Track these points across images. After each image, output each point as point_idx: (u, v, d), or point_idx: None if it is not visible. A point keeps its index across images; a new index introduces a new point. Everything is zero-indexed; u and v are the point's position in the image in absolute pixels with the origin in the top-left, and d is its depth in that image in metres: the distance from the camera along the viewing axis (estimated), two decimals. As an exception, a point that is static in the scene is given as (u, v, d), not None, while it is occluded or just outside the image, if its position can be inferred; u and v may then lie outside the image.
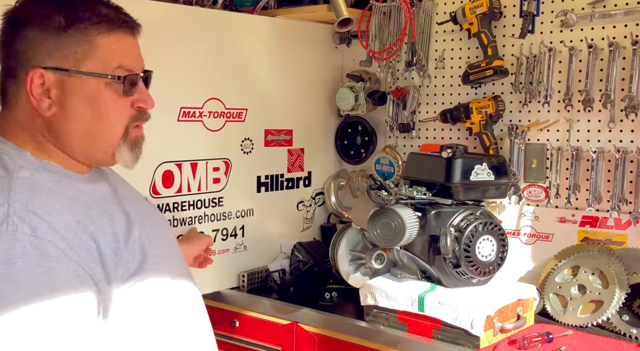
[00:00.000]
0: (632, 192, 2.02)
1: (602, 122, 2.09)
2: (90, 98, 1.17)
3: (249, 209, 2.45)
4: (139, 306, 1.15)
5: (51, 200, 1.09)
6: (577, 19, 2.09)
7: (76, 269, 1.04)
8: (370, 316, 2.02)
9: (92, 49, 1.16)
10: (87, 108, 1.18)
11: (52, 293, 1.00)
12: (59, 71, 1.16)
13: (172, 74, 2.12)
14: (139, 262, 1.16)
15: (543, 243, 2.21)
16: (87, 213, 1.13)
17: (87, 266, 1.06)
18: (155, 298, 1.19)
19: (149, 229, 1.24)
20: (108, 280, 1.09)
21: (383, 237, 1.94)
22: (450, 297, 1.88)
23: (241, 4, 2.60)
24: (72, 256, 1.05)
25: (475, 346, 1.81)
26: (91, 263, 1.07)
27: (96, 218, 1.14)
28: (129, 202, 1.28)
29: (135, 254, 1.16)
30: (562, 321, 2.00)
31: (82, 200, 1.16)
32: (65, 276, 1.03)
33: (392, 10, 2.44)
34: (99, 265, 1.08)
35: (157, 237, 1.26)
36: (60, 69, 1.16)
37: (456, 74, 2.40)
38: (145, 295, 1.16)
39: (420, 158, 2.16)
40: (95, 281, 1.07)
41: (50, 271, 1.01)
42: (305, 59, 2.62)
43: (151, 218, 1.32)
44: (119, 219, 1.19)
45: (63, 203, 1.11)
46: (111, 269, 1.10)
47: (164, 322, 1.22)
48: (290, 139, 2.59)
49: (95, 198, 1.19)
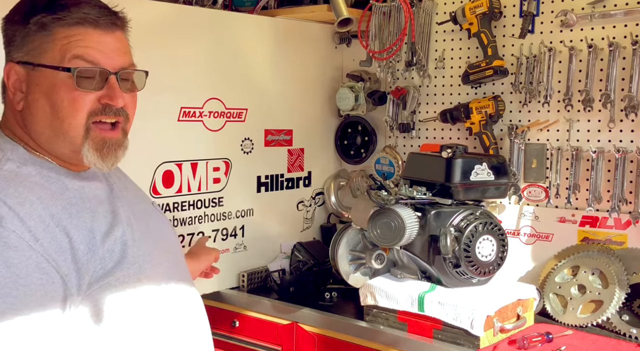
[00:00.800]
0: (632, 192, 2.02)
1: (602, 122, 2.09)
2: (46, 90, 1.17)
3: (249, 209, 2.45)
4: (112, 303, 1.15)
5: (27, 192, 1.10)
6: (577, 19, 2.09)
7: (39, 261, 1.05)
8: (370, 316, 2.02)
9: (51, 42, 1.17)
10: (45, 102, 1.18)
11: (8, 281, 1.01)
12: (25, 65, 1.18)
13: (172, 73, 2.13)
14: (116, 260, 1.16)
15: (543, 243, 2.21)
16: (68, 208, 1.14)
17: (52, 259, 1.07)
18: (131, 296, 1.18)
19: (137, 230, 1.24)
20: (79, 275, 1.10)
21: (383, 237, 1.94)
22: (450, 297, 1.88)
23: (241, 4, 2.60)
24: (37, 248, 1.05)
25: (475, 346, 1.81)
26: (58, 256, 1.08)
27: (76, 214, 1.14)
28: (124, 202, 1.28)
29: (114, 252, 1.16)
30: (562, 321, 2.00)
31: (66, 195, 1.16)
32: (25, 266, 1.04)
33: (392, 10, 2.44)
34: (69, 259, 1.09)
35: (147, 238, 1.26)
36: (26, 62, 1.18)
37: (456, 74, 2.40)
38: (120, 293, 1.16)
39: (420, 158, 2.16)
40: (61, 275, 1.07)
41: (8, 261, 1.02)
42: (305, 59, 2.62)
43: (147, 220, 1.32)
44: (103, 217, 1.19)
45: (41, 196, 1.12)
46: (82, 264, 1.10)
47: (141, 321, 1.21)
48: (290, 139, 2.59)
49: (81, 195, 1.20)
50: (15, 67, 1.19)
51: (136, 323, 1.19)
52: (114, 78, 1.19)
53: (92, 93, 1.18)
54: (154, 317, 1.23)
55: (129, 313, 1.18)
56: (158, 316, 1.24)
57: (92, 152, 1.19)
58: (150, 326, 1.22)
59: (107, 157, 1.21)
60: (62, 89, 1.16)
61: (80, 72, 1.16)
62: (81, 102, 1.17)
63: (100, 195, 1.25)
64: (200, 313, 1.35)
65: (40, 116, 1.18)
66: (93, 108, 1.18)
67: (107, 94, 1.19)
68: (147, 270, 1.22)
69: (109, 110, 1.20)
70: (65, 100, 1.16)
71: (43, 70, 1.17)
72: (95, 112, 1.18)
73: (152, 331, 1.22)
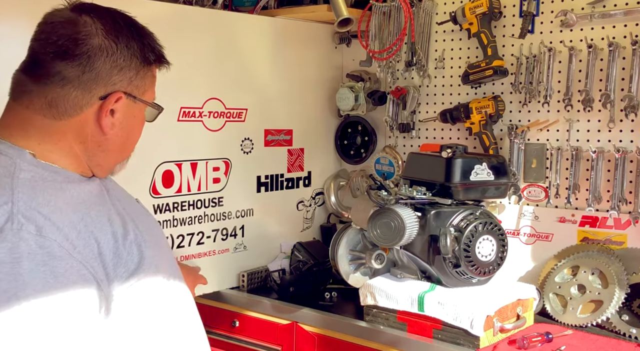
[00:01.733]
0: (631, 192, 2.02)
1: (602, 122, 2.09)
2: (137, 122, 1.30)
3: (249, 209, 2.45)
4: (139, 306, 1.16)
5: (54, 199, 1.09)
6: (577, 19, 2.09)
7: (80, 268, 1.05)
8: (370, 316, 2.02)
9: (149, 78, 1.30)
10: (131, 131, 1.28)
11: (57, 292, 1.01)
12: (130, 97, 1.25)
13: (172, 73, 2.08)
14: (137, 262, 1.17)
15: (543, 243, 2.21)
16: (88, 212, 1.14)
17: (90, 266, 1.07)
18: (153, 297, 1.20)
19: (142, 230, 1.24)
20: (109, 279, 1.10)
21: (383, 236, 1.94)
22: (450, 297, 1.88)
23: (241, 4, 2.60)
24: (76, 255, 1.05)
25: (475, 346, 1.81)
26: (93, 262, 1.08)
27: (96, 218, 1.14)
28: (121, 202, 1.29)
29: (133, 254, 1.17)
30: (561, 321, 2.01)
31: (82, 199, 1.16)
32: (70, 275, 1.03)
33: (392, 10, 2.44)
34: (100, 265, 1.09)
35: (150, 237, 1.27)
36: (132, 95, 1.25)
37: (456, 74, 2.40)
38: (144, 295, 1.17)
39: (420, 158, 2.16)
40: (97, 280, 1.07)
41: (55, 271, 1.01)
42: (305, 59, 2.62)
43: (143, 219, 1.33)
44: (116, 219, 1.19)
45: (66, 201, 1.11)
46: (111, 269, 1.11)
47: (161, 321, 1.23)
48: (290, 139, 2.59)
49: (93, 198, 1.20)
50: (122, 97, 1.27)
51: (146, 320, 1.19)
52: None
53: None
54: (162, 313, 1.24)
55: (142, 310, 1.18)
56: (165, 312, 1.25)
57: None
58: (157, 322, 1.23)
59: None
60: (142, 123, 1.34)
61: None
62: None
63: (104, 197, 1.25)
64: (194, 310, 1.37)
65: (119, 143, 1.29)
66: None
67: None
68: (161, 270, 1.24)
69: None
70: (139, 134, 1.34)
71: (140, 105, 1.30)
72: None
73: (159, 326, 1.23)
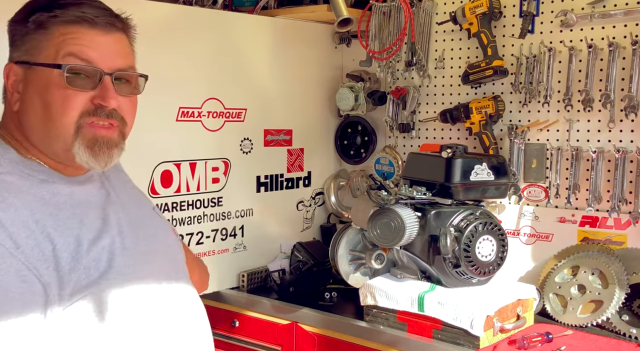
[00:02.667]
0: (632, 192, 2.02)
1: (602, 122, 2.09)
2: (40, 89, 1.15)
3: (249, 209, 2.45)
4: (97, 313, 1.11)
5: (12, 197, 1.08)
6: (577, 19, 2.09)
7: (20, 269, 1.02)
8: (370, 316, 2.02)
9: (47, 40, 1.15)
10: (39, 101, 1.15)
11: None
12: (23, 65, 1.16)
13: (171, 73, 2.12)
14: (102, 270, 1.13)
15: (543, 243, 2.21)
16: (55, 214, 1.11)
17: (34, 267, 1.04)
18: (116, 305, 1.13)
19: (129, 237, 1.21)
20: (61, 283, 1.06)
21: (383, 237, 1.94)
22: (450, 297, 1.88)
23: (241, 4, 2.60)
24: (18, 255, 1.03)
25: (475, 346, 1.81)
26: (40, 264, 1.05)
27: (63, 220, 1.12)
28: (119, 207, 1.25)
29: (100, 261, 1.13)
30: (562, 321, 2.00)
31: (54, 201, 1.14)
32: (5, 274, 1.01)
33: (392, 10, 2.43)
34: (52, 267, 1.06)
35: (140, 245, 1.23)
36: (23, 62, 1.16)
37: (456, 74, 2.40)
38: (104, 303, 1.12)
39: (420, 158, 2.16)
40: (42, 283, 1.04)
41: None
42: (305, 59, 2.62)
43: (144, 226, 1.29)
44: (91, 224, 1.16)
45: (27, 201, 1.09)
46: (65, 273, 1.07)
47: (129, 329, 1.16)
48: (290, 139, 2.59)
49: (71, 200, 1.17)
50: (13, 67, 1.17)
51: (124, 332, 1.15)
52: (108, 78, 1.16)
53: (84, 93, 1.15)
54: (144, 325, 1.19)
55: (115, 322, 1.13)
56: (148, 324, 1.20)
57: (83, 149, 1.15)
58: (139, 335, 1.18)
59: (100, 155, 1.17)
60: (54, 88, 1.13)
61: (72, 70, 1.13)
62: (73, 101, 1.14)
63: (93, 200, 1.22)
64: (199, 319, 1.32)
65: (33, 116, 1.16)
66: (85, 109, 1.15)
67: (99, 95, 1.16)
68: (134, 280, 1.18)
69: (102, 111, 1.16)
70: (57, 99, 1.13)
71: (38, 69, 1.15)
72: (87, 112, 1.15)
73: (141, 339, 1.18)
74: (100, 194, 1.25)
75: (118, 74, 1.18)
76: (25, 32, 1.16)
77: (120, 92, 1.18)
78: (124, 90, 1.20)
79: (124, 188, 1.34)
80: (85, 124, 1.15)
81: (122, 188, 1.33)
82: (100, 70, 1.15)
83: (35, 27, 1.15)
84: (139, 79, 1.23)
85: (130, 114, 1.22)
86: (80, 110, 1.14)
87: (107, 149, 1.17)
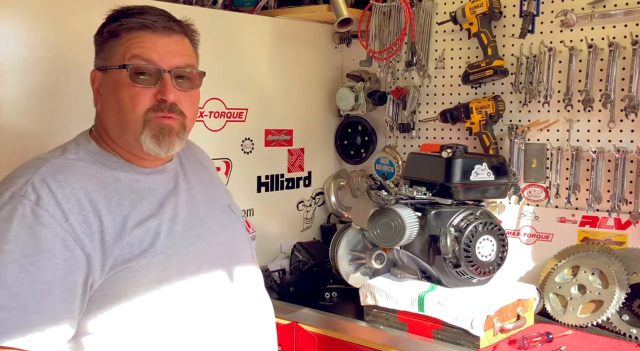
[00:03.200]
0: (632, 192, 2.02)
1: (602, 122, 2.09)
2: (114, 88, 1.32)
3: (249, 209, 2.45)
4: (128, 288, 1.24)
5: (74, 179, 1.26)
6: (577, 19, 2.09)
7: (66, 239, 1.19)
8: (370, 316, 2.02)
9: (118, 46, 1.33)
10: (113, 100, 1.33)
11: (34, 249, 1.16)
12: (102, 70, 1.36)
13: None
14: (144, 248, 1.26)
15: (543, 243, 2.21)
16: (110, 196, 1.28)
17: (79, 239, 1.20)
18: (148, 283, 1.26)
19: (181, 225, 1.35)
20: (103, 256, 1.22)
21: (383, 237, 1.94)
22: (450, 297, 1.88)
23: (241, 4, 2.60)
24: (66, 227, 1.19)
25: (475, 346, 1.81)
26: (85, 237, 1.21)
27: (116, 202, 1.28)
28: (183, 199, 1.40)
29: (144, 241, 1.27)
30: (562, 321, 2.00)
31: (115, 185, 1.31)
32: (52, 242, 1.18)
33: (392, 10, 2.44)
34: (97, 241, 1.22)
35: (192, 235, 1.36)
36: (101, 68, 1.36)
37: (456, 73, 2.40)
38: (137, 279, 1.25)
39: (420, 158, 2.16)
40: (85, 253, 1.20)
41: (37, 234, 1.17)
42: (305, 59, 2.62)
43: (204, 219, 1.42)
44: (144, 208, 1.31)
45: (87, 183, 1.27)
46: (108, 246, 1.23)
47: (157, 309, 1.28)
48: (290, 139, 2.59)
49: (131, 186, 1.33)
50: (96, 73, 1.37)
51: (153, 308, 1.27)
52: (168, 75, 1.32)
53: (148, 89, 1.31)
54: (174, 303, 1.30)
55: (146, 297, 1.26)
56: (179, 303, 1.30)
57: (149, 138, 1.31)
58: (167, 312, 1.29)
59: (162, 142, 1.32)
60: (123, 86, 1.31)
61: (136, 69, 1.30)
62: (139, 97, 1.30)
63: (156, 189, 1.37)
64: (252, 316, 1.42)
65: (111, 112, 1.34)
66: (150, 105, 1.31)
67: (160, 90, 1.31)
68: (176, 262, 1.30)
69: (164, 105, 1.32)
70: (126, 96, 1.31)
71: (111, 72, 1.33)
72: (152, 108, 1.31)
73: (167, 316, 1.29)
74: (166, 185, 1.40)
75: (177, 71, 1.34)
76: (102, 41, 1.36)
77: (179, 88, 1.34)
78: (184, 86, 1.36)
79: (201, 184, 1.50)
80: (151, 118, 1.31)
81: (198, 184, 1.49)
82: (160, 68, 1.32)
83: (108, 36, 1.34)
84: (199, 75, 1.40)
85: (189, 108, 1.38)
86: (146, 106, 1.31)
87: (169, 138, 1.33)
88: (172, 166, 1.45)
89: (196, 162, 1.59)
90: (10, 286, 1.13)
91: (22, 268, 1.14)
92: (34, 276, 1.15)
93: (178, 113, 1.34)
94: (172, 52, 1.34)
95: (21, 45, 1.77)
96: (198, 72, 1.40)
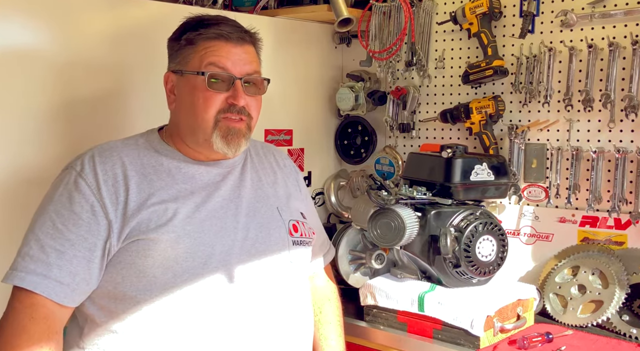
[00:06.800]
0: (632, 192, 2.02)
1: (602, 122, 2.09)
2: (189, 91, 1.45)
3: (249, 209, 2.44)
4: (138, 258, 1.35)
5: (116, 156, 1.42)
6: (577, 19, 2.09)
7: (94, 204, 1.36)
8: (370, 316, 2.02)
9: (194, 53, 1.45)
10: (188, 100, 1.45)
11: (67, 210, 1.35)
12: (177, 73, 1.49)
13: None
14: (160, 224, 1.36)
15: (543, 243, 2.21)
16: (145, 174, 1.42)
17: (104, 205, 1.36)
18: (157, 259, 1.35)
19: (205, 212, 1.42)
20: (123, 224, 1.35)
21: (383, 237, 1.94)
22: (450, 297, 1.88)
23: (241, 4, 2.60)
24: (96, 194, 1.36)
25: (475, 346, 1.81)
26: (111, 206, 1.36)
27: (149, 180, 1.41)
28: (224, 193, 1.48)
29: (161, 217, 1.37)
30: (562, 321, 2.00)
31: (155, 168, 1.44)
32: (82, 205, 1.35)
33: (392, 10, 2.43)
34: (120, 210, 1.36)
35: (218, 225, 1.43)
36: (177, 71, 1.49)
37: (456, 73, 2.40)
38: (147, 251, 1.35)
39: (420, 158, 2.16)
40: (108, 220, 1.35)
41: (72, 198, 1.36)
42: (305, 58, 2.62)
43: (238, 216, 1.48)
44: (174, 190, 1.42)
45: (129, 162, 1.42)
46: (129, 216, 1.36)
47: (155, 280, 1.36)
48: (290, 139, 2.59)
49: (171, 171, 1.45)
50: (171, 75, 1.50)
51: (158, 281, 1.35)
52: (239, 82, 1.45)
53: (221, 94, 1.44)
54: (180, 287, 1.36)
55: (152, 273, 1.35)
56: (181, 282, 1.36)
57: (219, 139, 1.44)
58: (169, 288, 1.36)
59: (231, 143, 1.45)
60: (198, 90, 1.43)
61: (212, 76, 1.43)
62: (212, 100, 1.43)
63: (198, 178, 1.47)
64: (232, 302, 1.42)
65: (184, 112, 1.47)
66: (221, 107, 1.44)
67: (232, 95, 1.44)
68: (185, 243, 1.38)
69: (234, 108, 1.44)
70: (201, 99, 1.43)
71: (187, 76, 1.46)
72: (223, 110, 1.44)
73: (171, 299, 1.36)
74: (210, 177, 1.49)
75: (246, 78, 1.47)
76: (179, 47, 1.48)
77: (247, 93, 1.47)
78: (251, 91, 1.49)
79: (258, 183, 1.58)
80: (221, 119, 1.44)
81: (254, 183, 1.57)
82: (233, 76, 1.45)
83: (185, 43, 1.47)
84: (263, 81, 1.52)
85: (255, 110, 1.51)
86: (218, 108, 1.44)
87: (236, 139, 1.46)
88: (230, 163, 1.54)
89: (269, 165, 1.68)
90: (41, 239, 1.32)
91: (54, 225, 1.33)
92: (61, 233, 1.33)
93: (246, 115, 1.47)
94: (243, 60, 1.46)
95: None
96: (262, 79, 1.52)
